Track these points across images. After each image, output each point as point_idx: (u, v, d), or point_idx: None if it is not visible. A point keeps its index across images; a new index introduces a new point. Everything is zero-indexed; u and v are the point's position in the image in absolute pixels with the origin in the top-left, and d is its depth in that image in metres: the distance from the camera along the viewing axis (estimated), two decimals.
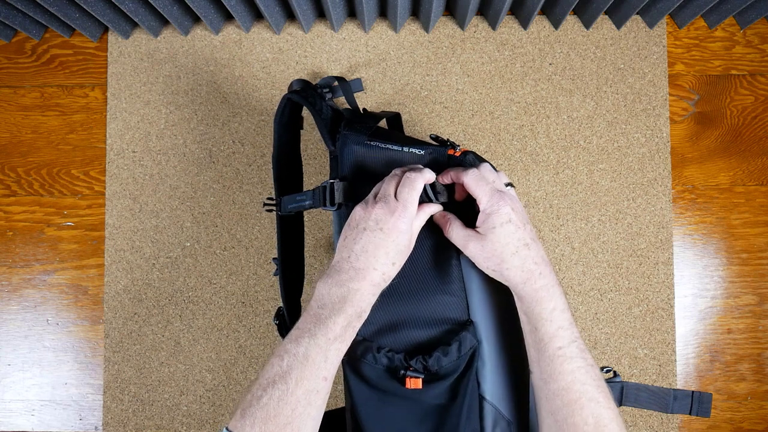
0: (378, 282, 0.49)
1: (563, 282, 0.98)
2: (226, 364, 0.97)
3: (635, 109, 0.99)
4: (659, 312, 0.97)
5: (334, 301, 0.48)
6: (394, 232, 0.49)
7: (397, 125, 0.89)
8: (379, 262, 0.49)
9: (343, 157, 0.55)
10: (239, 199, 0.99)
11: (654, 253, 0.97)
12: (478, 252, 0.50)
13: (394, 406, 0.51)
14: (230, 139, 1.00)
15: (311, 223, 0.98)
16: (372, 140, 0.56)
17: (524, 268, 0.49)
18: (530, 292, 0.49)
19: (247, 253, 0.98)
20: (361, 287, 0.49)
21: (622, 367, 0.96)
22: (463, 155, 0.57)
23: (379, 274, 0.49)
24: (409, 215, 0.49)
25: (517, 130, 0.99)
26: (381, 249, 0.49)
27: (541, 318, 0.49)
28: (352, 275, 0.49)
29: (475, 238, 0.50)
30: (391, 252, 0.49)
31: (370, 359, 0.52)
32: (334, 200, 0.55)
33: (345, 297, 0.48)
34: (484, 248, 0.49)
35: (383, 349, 0.52)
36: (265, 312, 0.98)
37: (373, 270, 0.49)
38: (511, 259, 0.49)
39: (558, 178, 0.99)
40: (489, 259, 0.50)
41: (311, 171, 0.98)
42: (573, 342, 0.50)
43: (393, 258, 0.49)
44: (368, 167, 0.56)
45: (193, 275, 0.98)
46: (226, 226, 0.99)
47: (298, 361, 0.47)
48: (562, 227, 0.98)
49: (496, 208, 0.50)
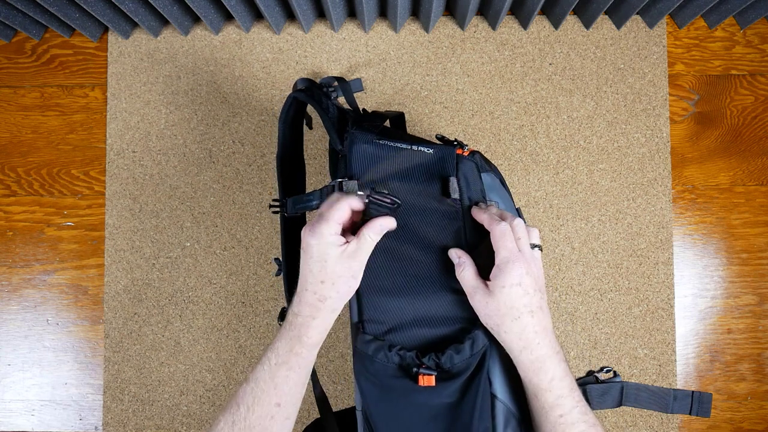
0: (313, 303, 0.48)
1: (563, 282, 0.97)
2: (226, 364, 0.97)
3: (635, 109, 0.98)
4: (659, 312, 0.96)
5: (284, 326, 0.50)
6: (307, 249, 0.48)
7: (401, 125, 0.89)
8: (308, 281, 0.49)
9: (351, 155, 0.55)
10: (239, 199, 0.98)
11: (654, 253, 0.97)
12: (482, 306, 0.49)
13: (405, 406, 0.50)
14: (230, 139, 0.99)
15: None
16: (381, 139, 0.56)
17: (522, 337, 0.48)
18: (526, 362, 0.49)
19: (247, 253, 0.98)
20: (300, 310, 0.49)
21: (622, 367, 0.96)
22: (471, 155, 0.57)
23: (311, 294, 0.48)
24: (319, 228, 0.47)
25: (517, 130, 0.99)
26: (305, 268, 0.48)
27: (539, 388, 0.48)
28: (295, 299, 0.50)
29: (482, 292, 0.49)
30: (315, 269, 0.48)
31: (382, 358, 0.51)
32: None
33: (289, 321, 0.50)
34: (488, 305, 0.48)
35: (395, 347, 0.51)
36: (265, 312, 0.97)
37: (305, 292, 0.49)
38: (511, 324, 0.48)
39: (558, 178, 0.98)
40: (490, 317, 0.49)
41: (311, 171, 0.97)
42: (574, 408, 0.49)
43: (320, 276, 0.48)
44: (377, 166, 0.55)
45: (193, 275, 0.98)
46: (226, 226, 0.98)
47: (250, 387, 0.49)
48: (562, 227, 0.98)
49: (510, 268, 0.48)
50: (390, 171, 0.55)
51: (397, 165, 0.55)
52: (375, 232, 0.49)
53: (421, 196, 0.54)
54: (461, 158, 0.56)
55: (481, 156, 0.60)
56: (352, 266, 0.48)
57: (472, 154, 0.57)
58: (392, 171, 0.55)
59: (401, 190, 0.54)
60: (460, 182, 0.55)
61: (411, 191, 0.54)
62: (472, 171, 0.56)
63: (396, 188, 0.54)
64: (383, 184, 0.53)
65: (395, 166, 0.55)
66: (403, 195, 0.53)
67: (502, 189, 0.65)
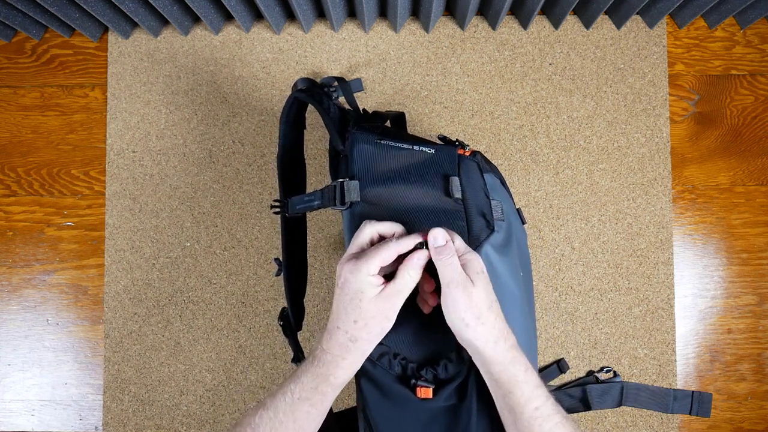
0: (343, 342, 0.47)
1: (563, 282, 0.97)
2: (226, 364, 0.97)
3: (635, 109, 0.98)
4: (659, 312, 0.96)
5: (310, 359, 0.48)
6: (344, 285, 0.47)
7: (401, 125, 0.89)
8: (341, 320, 0.47)
9: (353, 156, 0.54)
10: (239, 199, 0.98)
11: (654, 253, 0.97)
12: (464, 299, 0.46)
13: (405, 409, 0.50)
14: (230, 139, 0.99)
15: (310, 223, 0.96)
16: (382, 139, 0.55)
17: (496, 326, 0.47)
18: (502, 353, 0.47)
19: (247, 253, 0.98)
20: (329, 348, 0.48)
21: (622, 367, 0.95)
22: (473, 155, 0.57)
23: (342, 333, 0.47)
24: (359, 266, 0.46)
25: (517, 130, 0.99)
26: (340, 306, 0.47)
27: (516, 380, 0.47)
28: (325, 336, 0.48)
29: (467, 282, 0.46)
30: (349, 308, 0.46)
31: (385, 363, 0.51)
32: (345, 199, 0.53)
33: (316, 356, 0.48)
34: (472, 296, 0.46)
35: (399, 356, 0.51)
36: (265, 312, 0.97)
37: (336, 330, 0.47)
38: (487, 313, 0.47)
39: (558, 178, 0.98)
40: (469, 309, 0.46)
41: (311, 171, 0.97)
42: (548, 399, 0.48)
43: (353, 315, 0.46)
44: (379, 166, 0.55)
45: (193, 275, 0.98)
46: (226, 226, 0.98)
47: (268, 416, 0.47)
48: (562, 227, 0.97)
49: (472, 257, 0.48)
50: (391, 171, 0.54)
51: (399, 165, 0.55)
52: (415, 270, 0.48)
53: (423, 196, 0.54)
54: (463, 158, 0.56)
55: (482, 156, 0.60)
56: (387, 307, 0.47)
57: (474, 154, 0.58)
58: (394, 171, 0.54)
59: (403, 190, 0.53)
60: (462, 182, 0.55)
61: (413, 191, 0.53)
62: (474, 171, 0.56)
63: (398, 188, 0.54)
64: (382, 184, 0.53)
65: (397, 166, 0.55)
66: (404, 195, 0.53)
67: (503, 189, 0.66)
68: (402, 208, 0.53)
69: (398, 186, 0.54)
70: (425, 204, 0.53)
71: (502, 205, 0.58)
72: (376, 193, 0.53)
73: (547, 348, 0.95)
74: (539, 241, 0.96)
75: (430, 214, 0.53)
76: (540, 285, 0.96)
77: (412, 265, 0.47)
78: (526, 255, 0.72)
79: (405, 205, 0.53)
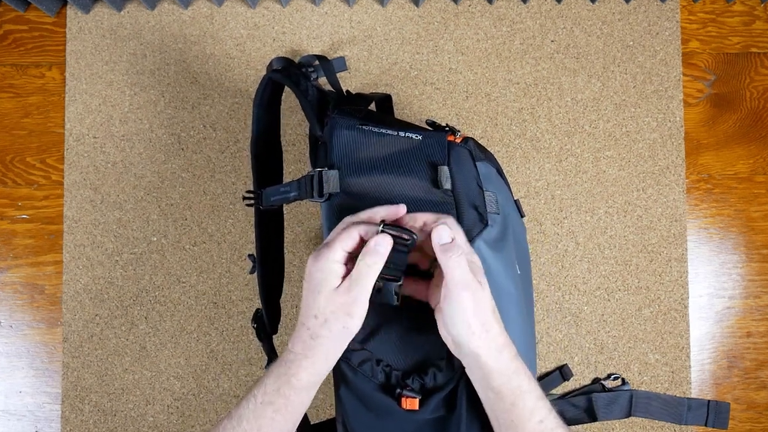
0: (305, 340, 0.45)
1: (566, 280, 0.93)
2: (196, 371, 0.91)
3: (646, 91, 0.95)
4: (672, 313, 0.93)
5: (276, 360, 0.48)
6: (308, 277, 0.45)
7: (388, 108, 0.85)
8: (304, 315, 0.46)
9: (332, 142, 0.53)
10: (211, 189, 0.93)
11: (666, 249, 0.94)
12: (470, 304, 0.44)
13: (389, 421, 0.49)
14: (201, 123, 0.94)
15: (289, 216, 0.93)
16: (365, 124, 0.54)
17: (501, 333, 0.46)
18: (505, 363, 0.45)
19: (220, 249, 0.93)
20: (293, 346, 0.46)
21: (631, 373, 0.92)
22: (464, 141, 0.55)
23: (305, 330, 0.45)
24: (321, 254, 0.44)
25: (516, 114, 0.95)
26: (303, 299, 0.46)
27: (521, 391, 0.45)
28: (293, 334, 0.47)
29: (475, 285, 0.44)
30: (310, 302, 0.45)
31: (367, 370, 0.50)
32: (323, 191, 0.51)
33: (281, 357, 0.47)
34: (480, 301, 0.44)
35: (382, 362, 0.50)
36: (239, 313, 0.92)
37: (301, 326, 0.46)
38: (491, 319, 0.45)
39: (561, 167, 0.94)
40: (476, 315, 0.44)
41: (289, 159, 0.93)
42: (551, 411, 0.47)
43: (313, 309, 0.45)
44: (360, 154, 0.53)
45: (160, 273, 0.92)
46: (196, 219, 0.93)
47: (231, 426, 0.46)
48: (565, 220, 0.94)
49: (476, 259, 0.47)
50: (374, 159, 0.53)
51: (383, 152, 0.53)
52: (373, 257, 0.44)
53: (408, 186, 0.52)
54: (453, 145, 0.55)
55: (475, 143, 0.59)
56: (348, 302, 0.44)
57: (465, 140, 0.56)
58: (377, 159, 0.53)
59: (387, 181, 0.52)
60: (453, 171, 0.53)
61: (398, 182, 0.52)
62: (465, 159, 0.55)
63: (381, 178, 0.52)
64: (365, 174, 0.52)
65: (380, 153, 0.53)
66: (388, 186, 0.52)
67: (499, 179, 0.64)
68: (385, 199, 0.51)
69: (381, 176, 0.52)
70: (411, 196, 0.52)
71: (497, 196, 0.57)
72: (357, 183, 0.52)
73: (548, 353, 0.92)
74: (540, 235, 0.93)
75: (416, 207, 0.50)
76: (541, 284, 0.93)
77: (369, 250, 0.44)
78: (525, 251, 0.71)
79: (389, 196, 0.52)
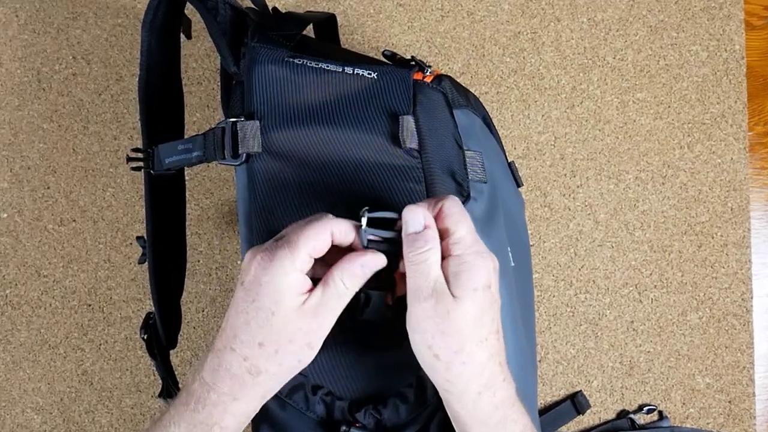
0: (238, 374, 0.39)
1: (582, 274, 0.83)
2: (62, 400, 0.80)
3: (692, 8, 0.84)
4: (729, 319, 0.82)
5: (184, 396, 0.41)
6: (251, 285, 0.38)
7: (331, 34, 0.77)
8: (239, 339, 0.39)
9: (252, 82, 0.48)
10: (83, 146, 0.82)
11: (721, 229, 0.83)
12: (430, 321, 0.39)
13: None
14: (69, 53, 0.83)
15: (193, 184, 0.82)
16: (297, 57, 0.49)
17: (486, 370, 0.40)
18: (487, 409, 0.40)
19: (96, 230, 0.82)
20: (215, 381, 0.39)
21: (672, 403, 0.82)
22: (437, 81, 0.52)
23: (239, 360, 0.39)
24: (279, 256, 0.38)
25: (511, 40, 0.84)
26: (241, 317, 0.39)
27: None
28: (210, 360, 0.40)
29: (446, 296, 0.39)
30: (253, 323, 0.38)
31: (300, 402, 0.45)
32: (239, 150, 0.47)
33: (195, 394, 0.40)
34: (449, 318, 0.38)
35: (320, 390, 0.46)
36: (123, 319, 0.81)
37: (230, 353, 0.39)
38: (477, 348, 0.39)
39: (574, 115, 0.84)
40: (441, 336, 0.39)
41: (193, 104, 0.82)
42: None
43: (259, 335, 0.38)
44: (292, 98, 0.48)
45: (11, 263, 0.82)
46: (62, 188, 0.82)
47: None
48: (579, 189, 0.84)
49: (478, 261, 0.40)
50: (310, 106, 0.48)
51: (322, 96, 0.49)
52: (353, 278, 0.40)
53: (358, 145, 0.48)
54: (422, 86, 0.51)
55: (453, 82, 0.55)
56: (312, 328, 0.39)
57: (439, 79, 0.53)
58: (314, 106, 0.48)
59: (327, 137, 0.48)
60: (420, 123, 0.49)
61: (343, 137, 0.48)
62: (438, 106, 0.52)
63: (319, 133, 0.48)
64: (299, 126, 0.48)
65: (319, 98, 0.49)
66: (330, 144, 0.48)
67: (486, 133, 0.60)
68: (326, 163, 0.47)
69: (321, 129, 0.48)
70: (362, 157, 0.48)
71: (483, 158, 0.53)
72: (286, 139, 0.47)
73: (556, 375, 0.83)
74: (545, 211, 0.84)
75: (368, 174, 0.47)
76: (545, 278, 0.84)
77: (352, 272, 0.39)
78: (523, 233, 0.66)
79: (331, 158, 0.47)
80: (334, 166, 0.47)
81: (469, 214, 0.42)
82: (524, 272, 0.63)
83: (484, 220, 0.51)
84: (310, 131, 0.48)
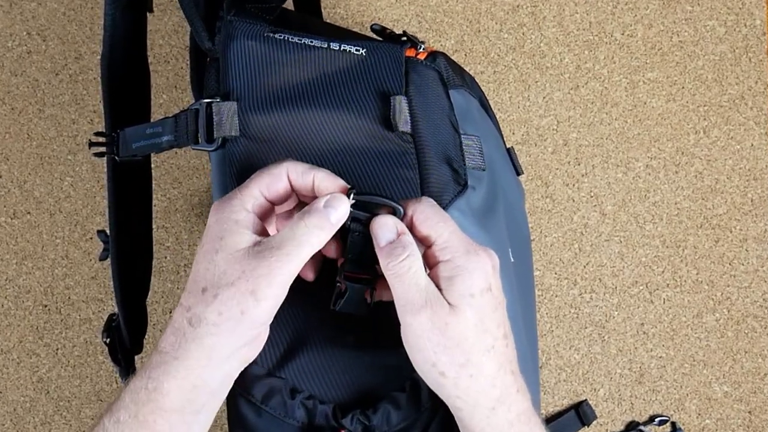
0: (180, 327, 0.36)
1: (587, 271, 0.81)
2: (16, 411, 0.79)
3: None
4: (749, 322, 0.81)
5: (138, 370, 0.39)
6: (207, 231, 0.38)
7: (313, 7, 0.74)
8: (187, 290, 0.37)
9: (228, 60, 0.45)
10: (39, 130, 0.81)
11: (740, 223, 0.82)
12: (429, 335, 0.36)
13: None
14: (23, 29, 0.81)
15: (159, 172, 0.81)
16: (278, 31, 0.46)
17: (498, 381, 0.37)
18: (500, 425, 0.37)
19: (53, 223, 0.81)
20: (161, 343, 0.37)
21: (686, 414, 0.80)
22: (431, 58, 0.49)
23: (182, 310, 0.36)
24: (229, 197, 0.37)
25: (509, 15, 0.83)
26: (193, 269, 0.38)
27: None
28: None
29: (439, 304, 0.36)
30: (201, 267, 0.36)
31: (277, 408, 0.41)
32: (213, 134, 0.43)
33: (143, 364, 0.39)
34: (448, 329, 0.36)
35: (300, 394, 0.42)
36: (82, 322, 0.80)
37: (178, 307, 0.37)
38: (484, 359, 0.36)
39: (578, 96, 0.83)
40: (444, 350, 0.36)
41: (160, 84, 0.80)
42: None
43: (203, 279, 0.36)
44: (272, 78, 0.45)
45: None
46: (15, 178, 0.81)
47: None
48: (584, 178, 0.82)
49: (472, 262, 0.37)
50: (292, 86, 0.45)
51: (305, 75, 0.46)
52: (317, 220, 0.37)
53: (345, 128, 0.45)
54: (414, 64, 0.47)
55: (448, 60, 0.52)
56: (261, 272, 0.35)
57: (433, 56, 0.49)
58: (296, 86, 0.45)
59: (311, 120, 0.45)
60: (414, 104, 0.45)
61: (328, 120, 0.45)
62: (433, 85, 0.48)
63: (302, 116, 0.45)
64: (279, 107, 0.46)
65: (301, 77, 0.45)
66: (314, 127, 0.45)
67: (484, 116, 0.58)
68: (310, 148, 0.44)
69: (304, 111, 0.44)
70: (349, 142, 0.45)
71: (482, 143, 0.50)
72: (266, 122, 0.44)
73: (558, 383, 0.81)
74: (546, 202, 0.83)
75: (357, 160, 0.45)
76: (547, 276, 0.83)
77: (315, 209, 0.37)
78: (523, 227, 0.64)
79: (315, 143, 0.44)
80: (319, 152, 0.45)
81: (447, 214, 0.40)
82: (525, 270, 0.61)
83: (483, 211, 0.49)
84: (292, 113, 0.45)
